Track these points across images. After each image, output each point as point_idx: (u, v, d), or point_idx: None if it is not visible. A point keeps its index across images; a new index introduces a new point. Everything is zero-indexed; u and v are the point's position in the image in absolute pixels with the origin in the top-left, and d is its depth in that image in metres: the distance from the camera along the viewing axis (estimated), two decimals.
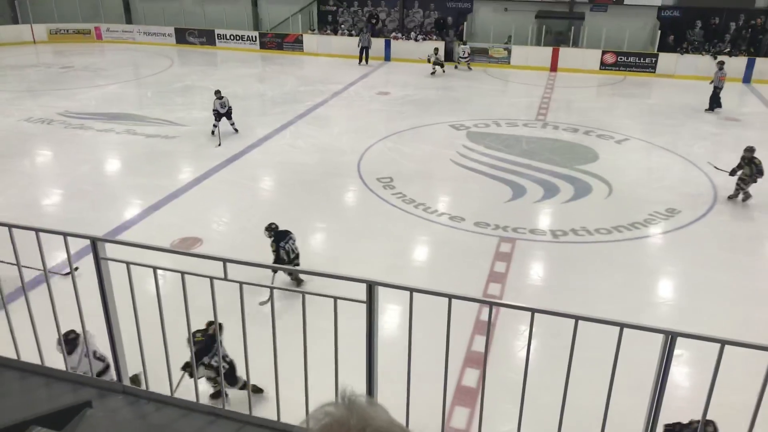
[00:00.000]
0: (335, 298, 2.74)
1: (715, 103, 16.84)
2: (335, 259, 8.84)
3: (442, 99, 18.04)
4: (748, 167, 10.57)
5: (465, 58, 22.06)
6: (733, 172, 10.83)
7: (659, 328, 2.40)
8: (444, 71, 21.07)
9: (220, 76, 21.05)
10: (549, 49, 22.31)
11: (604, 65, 21.85)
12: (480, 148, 13.49)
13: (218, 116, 13.77)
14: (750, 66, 20.62)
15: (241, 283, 2.87)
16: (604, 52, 21.84)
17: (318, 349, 3.13)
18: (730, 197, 10.83)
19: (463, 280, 8.18)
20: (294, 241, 7.83)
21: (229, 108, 13.93)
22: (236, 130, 14.14)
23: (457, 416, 5.84)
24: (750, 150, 10.71)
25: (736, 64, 20.73)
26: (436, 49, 21.18)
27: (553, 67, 22.22)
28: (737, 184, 10.79)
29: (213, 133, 13.81)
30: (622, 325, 2.41)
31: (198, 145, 13.51)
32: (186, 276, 3.03)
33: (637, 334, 2.56)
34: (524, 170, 12.18)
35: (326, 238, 9.72)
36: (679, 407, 4.94)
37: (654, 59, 21.46)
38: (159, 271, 3.09)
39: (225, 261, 2.77)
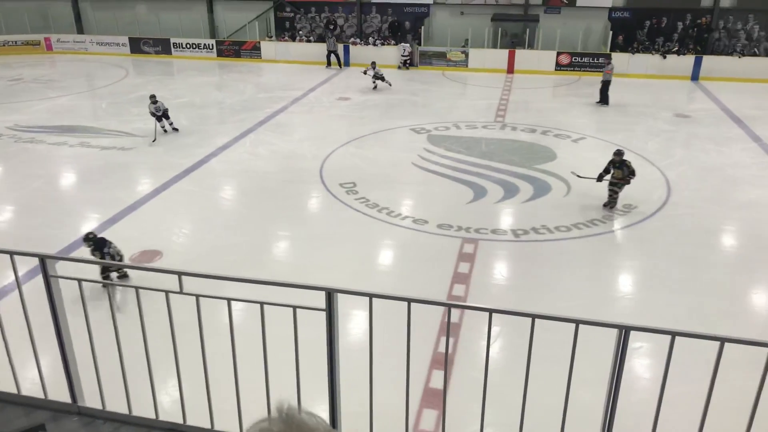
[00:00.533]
0: (294, 307, 2.72)
1: (603, 96, 17.91)
2: (299, 266, 8.78)
3: (403, 103, 18.13)
4: (619, 170, 10.30)
5: (405, 56, 22.03)
6: (600, 178, 10.51)
7: (613, 323, 2.45)
8: (389, 84, 19.77)
9: (176, 85, 20.72)
10: (505, 52, 22.66)
11: (559, 66, 22.31)
12: (441, 151, 13.60)
13: (157, 119, 14.44)
14: (698, 64, 21.33)
15: (197, 296, 2.82)
16: (558, 53, 22.30)
17: (279, 360, 3.10)
18: (605, 205, 10.52)
19: (428, 282, 8.23)
20: (114, 245, 7.90)
21: (165, 110, 14.52)
22: (176, 129, 14.79)
23: (426, 419, 5.86)
24: (619, 153, 10.44)
25: (684, 62, 21.45)
26: (374, 63, 19.84)
27: (510, 69, 22.57)
28: (610, 190, 10.48)
29: (154, 138, 14.25)
30: (578, 322, 2.46)
31: (156, 156, 13.26)
32: (140, 291, 2.96)
33: (595, 329, 2.62)
34: (484, 171, 12.33)
35: (290, 245, 9.65)
36: (639, 399, 5.06)
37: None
38: (111, 288, 3.02)
39: (180, 274, 2.72)
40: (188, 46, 25.38)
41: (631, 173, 10.36)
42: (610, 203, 10.56)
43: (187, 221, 10.24)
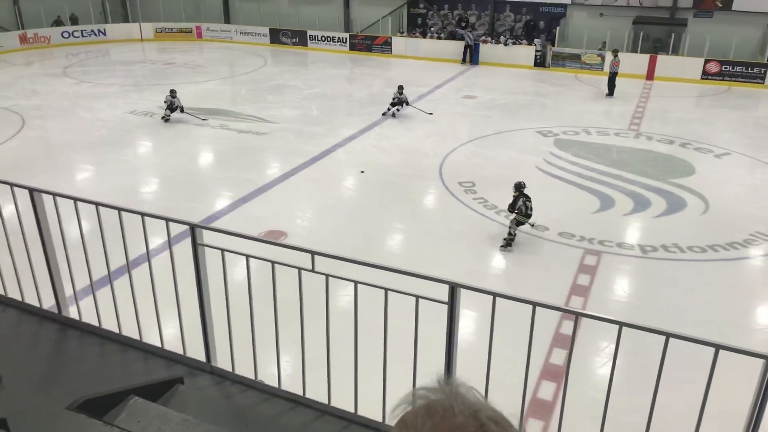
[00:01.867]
0: (417, 297, 2.77)
1: (611, 87, 18.59)
2: (414, 260, 8.86)
3: (531, 104, 17.69)
4: (523, 204, 9.10)
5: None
6: (512, 208, 9.18)
7: (758, 353, 2.26)
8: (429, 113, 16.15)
9: (309, 75, 21.64)
10: (646, 57, 21.33)
11: (706, 74, 20.65)
12: (568, 156, 13.12)
13: (171, 109, 15.10)
14: None
15: (327, 276, 2.95)
16: (707, 61, 20.62)
17: (396, 349, 3.17)
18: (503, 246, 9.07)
19: (544, 291, 7.98)
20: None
21: (181, 107, 15.19)
22: (182, 110, 15.24)
23: (531, 429, 5.72)
24: (521, 185, 9.29)
25: None
26: (401, 87, 16.23)
27: (650, 76, 21.22)
28: (512, 224, 9.16)
29: (165, 119, 15.10)
30: (718, 347, 2.29)
31: (286, 142, 13.96)
32: (275, 266, 3.15)
33: (731, 359, 2.42)
34: (614, 181, 11.73)
35: (405, 239, 9.78)
36: None
37: (763, 69, 20.04)
38: (250, 260, 3.24)
39: (313, 253, 2.86)
40: (323, 38, 26.39)
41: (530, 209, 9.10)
42: (507, 244, 9.11)
43: (311, 206, 10.70)
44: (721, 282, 8.32)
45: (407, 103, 15.98)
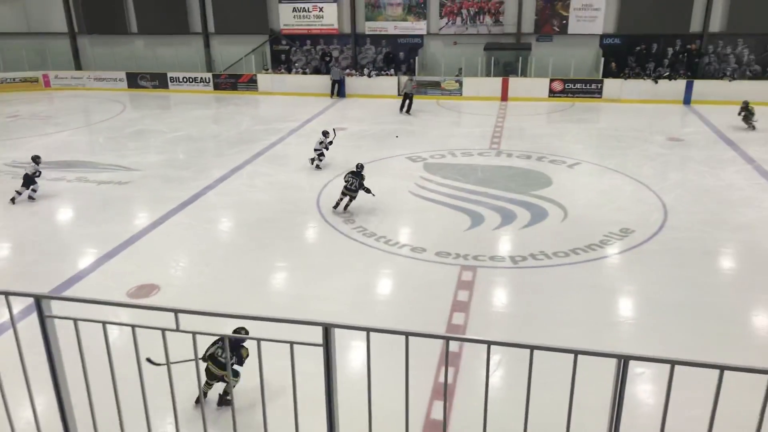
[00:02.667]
0: (291, 343, 2.70)
1: (405, 107, 20.71)
2: (298, 297, 8.74)
3: (398, 132, 18.27)
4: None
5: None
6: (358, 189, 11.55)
7: (612, 353, 2.44)
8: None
9: (173, 118, 20.91)
10: (499, 80, 22.96)
11: (552, 93, 22.59)
12: (437, 179, 13.67)
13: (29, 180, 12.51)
14: (689, 88, 21.61)
15: (194, 333, 2.80)
16: (552, 80, 22.59)
17: (278, 392, 3.07)
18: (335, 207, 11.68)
19: (428, 311, 8.18)
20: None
21: (32, 175, 12.54)
22: (32, 199, 12.62)
23: None
24: (360, 167, 11.82)
25: (676, 87, 21.73)
26: (325, 132, 14.96)
27: (504, 97, 22.84)
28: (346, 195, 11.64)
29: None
30: (576, 352, 2.45)
31: (152, 190, 13.30)
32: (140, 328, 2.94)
33: (595, 358, 2.60)
34: (481, 198, 12.37)
35: (288, 276, 9.62)
36: (643, 424, 5.00)
37: (599, 85, 22.31)
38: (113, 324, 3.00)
39: (176, 311, 2.70)
40: (185, 80, 25.67)
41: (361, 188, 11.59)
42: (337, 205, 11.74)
43: (185, 254, 10.22)
44: (585, 282, 8.99)
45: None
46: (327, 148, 14.66)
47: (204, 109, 22.41)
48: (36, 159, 12.98)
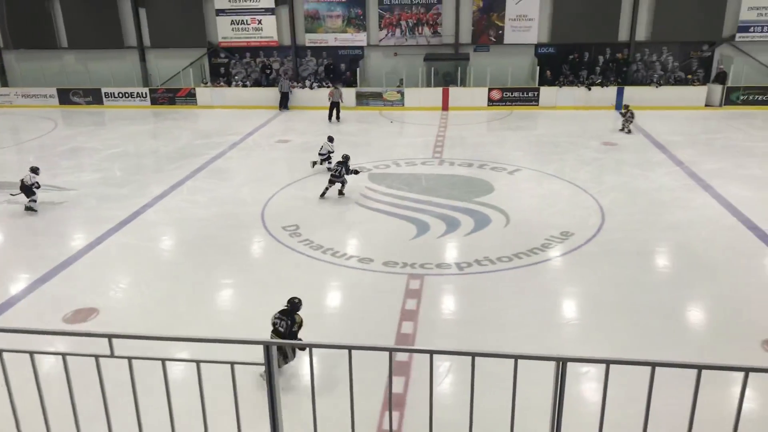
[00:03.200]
0: (232, 364, 2.64)
1: (334, 115, 21.53)
2: (243, 315, 8.58)
3: (342, 143, 18.22)
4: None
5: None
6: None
7: (550, 356, 2.50)
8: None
9: (109, 134, 20.23)
10: (439, 90, 23.32)
11: (491, 101, 23.11)
12: (382, 189, 13.74)
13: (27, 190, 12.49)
14: (620, 94, 22.53)
15: (129, 358, 2.70)
16: (490, 89, 23.11)
17: (222, 413, 2.99)
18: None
19: (377, 322, 8.18)
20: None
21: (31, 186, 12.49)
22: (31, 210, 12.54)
23: None
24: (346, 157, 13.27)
25: (608, 93, 22.63)
26: (330, 137, 15.80)
27: (445, 106, 23.21)
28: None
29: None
30: (516, 357, 2.50)
31: (88, 209, 12.82)
32: (72, 357, 2.82)
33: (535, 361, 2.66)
34: (426, 207, 12.50)
35: (233, 293, 9.42)
36: (587, 422, 5.13)
37: (536, 93, 22.98)
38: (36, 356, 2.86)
39: (110, 337, 2.60)
40: (120, 95, 24.91)
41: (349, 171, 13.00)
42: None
43: (124, 275, 9.87)
44: (529, 286, 9.20)
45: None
46: (332, 153, 15.21)
47: (141, 125, 21.79)
48: (35, 170, 12.69)
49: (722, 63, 22.97)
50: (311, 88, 23.97)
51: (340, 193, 13.20)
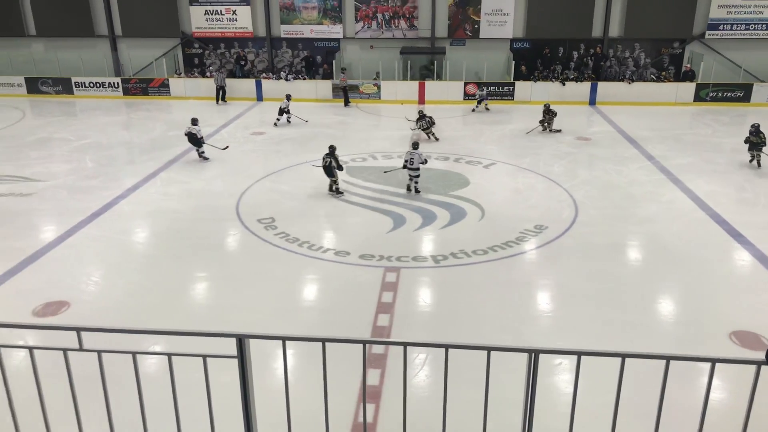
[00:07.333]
0: (204, 357, 2.61)
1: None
2: (217, 308, 8.50)
3: (318, 135, 18.18)
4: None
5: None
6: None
7: (522, 348, 2.52)
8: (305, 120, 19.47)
9: (80, 125, 19.82)
10: (416, 83, 23.32)
11: (467, 95, 23.18)
12: (359, 182, 13.71)
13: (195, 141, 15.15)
14: (594, 90, 22.81)
15: (99, 352, 2.66)
16: (466, 83, 23.19)
17: (195, 407, 2.96)
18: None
19: (353, 315, 8.18)
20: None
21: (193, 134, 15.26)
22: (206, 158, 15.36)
23: None
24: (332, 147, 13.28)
25: (582, 89, 22.88)
26: (288, 95, 19.93)
27: (421, 100, 23.23)
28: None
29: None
30: (489, 349, 2.52)
31: (59, 201, 12.56)
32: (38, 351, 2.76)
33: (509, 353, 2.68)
34: (402, 200, 12.52)
35: (207, 287, 9.33)
36: (560, 413, 5.20)
37: (511, 87, 23.13)
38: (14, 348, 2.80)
39: (78, 330, 2.56)
40: (91, 85, 24.41)
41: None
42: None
43: (96, 268, 9.70)
44: (504, 278, 9.29)
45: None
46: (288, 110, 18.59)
47: (113, 115, 21.38)
48: (195, 121, 15.37)
49: (690, 63, 23.40)
50: (287, 80, 23.77)
51: (337, 190, 12.82)
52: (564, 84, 22.94)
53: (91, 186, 13.45)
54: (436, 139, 17.35)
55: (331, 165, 12.69)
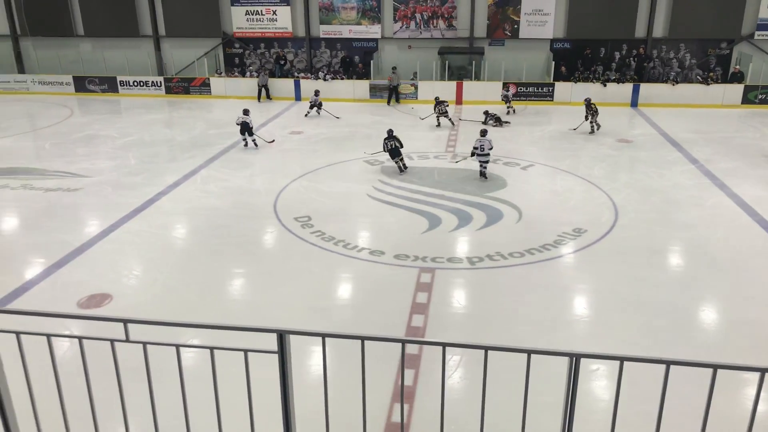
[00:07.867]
0: (245, 351, 2.66)
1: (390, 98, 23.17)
2: (255, 304, 8.63)
3: (355, 135, 18.27)
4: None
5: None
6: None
7: (563, 352, 2.49)
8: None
9: (124, 123, 20.37)
10: (453, 84, 23.21)
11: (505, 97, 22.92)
12: (395, 182, 13.73)
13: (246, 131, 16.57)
14: (636, 91, 22.32)
15: (144, 344, 2.73)
16: (504, 84, 22.97)
17: (234, 402, 3.02)
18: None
19: (387, 314, 8.20)
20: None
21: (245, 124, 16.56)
22: (255, 145, 16.78)
23: None
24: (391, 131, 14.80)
25: (624, 90, 22.42)
26: (317, 91, 21.51)
27: (459, 101, 23.11)
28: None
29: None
30: (529, 352, 2.49)
31: (103, 196, 12.93)
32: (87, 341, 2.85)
33: (548, 357, 2.65)
34: (438, 201, 12.48)
35: (245, 282, 9.48)
36: (598, 419, 5.12)
37: (551, 88, 22.82)
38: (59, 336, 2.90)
39: (125, 321, 2.63)
40: (135, 83, 25.06)
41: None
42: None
43: (138, 262, 9.96)
44: (540, 282, 9.16)
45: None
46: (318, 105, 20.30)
47: (156, 113, 21.91)
48: (246, 111, 16.85)
49: (739, 64, 22.67)
50: (324, 79, 23.95)
51: (405, 166, 14.44)
52: (605, 85, 22.51)
53: (134, 182, 13.81)
54: (453, 124, 19.05)
55: (395, 147, 14.20)
